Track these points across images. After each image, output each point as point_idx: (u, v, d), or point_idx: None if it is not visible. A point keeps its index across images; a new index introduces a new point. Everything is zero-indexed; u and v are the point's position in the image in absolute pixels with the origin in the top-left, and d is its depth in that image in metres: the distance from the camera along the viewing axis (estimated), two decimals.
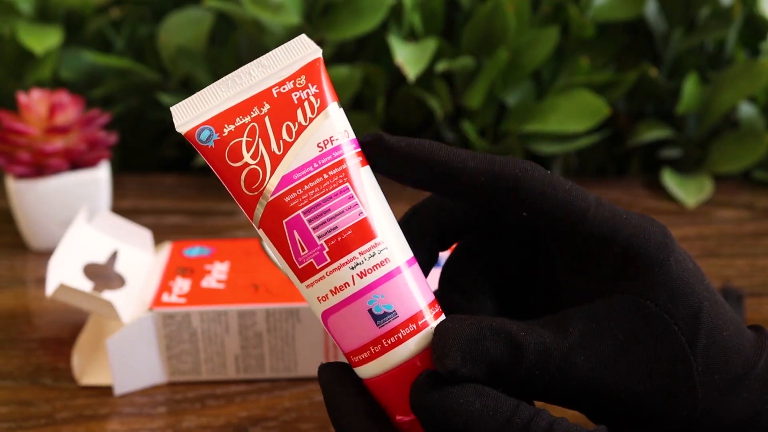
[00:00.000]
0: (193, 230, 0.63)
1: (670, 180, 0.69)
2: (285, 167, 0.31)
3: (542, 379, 0.30)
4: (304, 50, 0.32)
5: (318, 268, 0.31)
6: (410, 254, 0.32)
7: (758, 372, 0.31)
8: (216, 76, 0.71)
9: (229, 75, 0.32)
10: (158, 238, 0.56)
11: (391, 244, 0.31)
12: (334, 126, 0.32)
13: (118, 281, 0.51)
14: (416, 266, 0.32)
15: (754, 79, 0.66)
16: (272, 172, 0.31)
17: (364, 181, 0.31)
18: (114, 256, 0.49)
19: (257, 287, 0.45)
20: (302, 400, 0.44)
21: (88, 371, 0.45)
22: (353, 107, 0.72)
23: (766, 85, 0.67)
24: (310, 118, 0.31)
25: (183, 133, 0.32)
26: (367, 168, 0.32)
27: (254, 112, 0.31)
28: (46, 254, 0.58)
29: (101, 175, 0.60)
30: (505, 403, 0.29)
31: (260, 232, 0.31)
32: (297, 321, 0.44)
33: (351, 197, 0.31)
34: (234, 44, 0.71)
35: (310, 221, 0.31)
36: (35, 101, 0.59)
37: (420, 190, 0.33)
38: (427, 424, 0.30)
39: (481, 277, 0.35)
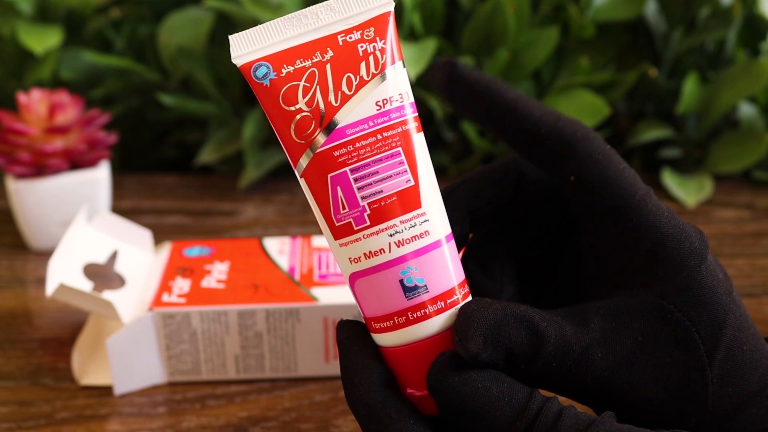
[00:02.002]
0: (193, 230, 0.63)
1: (670, 180, 0.69)
2: (340, 120, 0.30)
3: (558, 371, 0.30)
4: (376, 0, 0.31)
5: (356, 229, 0.30)
6: (449, 230, 0.31)
7: None
8: (216, 76, 0.71)
9: (295, 13, 0.30)
10: (158, 238, 0.56)
11: (433, 216, 0.30)
12: (395, 86, 0.30)
13: (118, 281, 0.51)
14: (453, 243, 0.31)
15: (754, 79, 0.66)
16: (325, 123, 0.30)
17: (417, 148, 0.30)
18: (114, 256, 0.49)
19: (257, 287, 0.45)
20: (302, 400, 0.44)
21: (88, 371, 0.45)
22: None
23: (766, 85, 0.67)
24: (372, 73, 0.30)
25: (238, 66, 0.30)
26: (421, 135, 0.31)
27: (316, 57, 0.30)
28: (46, 254, 0.58)
29: (101, 175, 0.60)
30: (520, 390, 0.29)
31: (302, 181, 0.31)
32: (297, 321, 0.44)
33: (401, 163, 0.30)
34: None
35: (356, 180, 0.30)
36: (35, 101, 0.59)
37: (478, 124, 0.33)
38: (443, 406, 0.29)
39: (507, 259, 0.34)
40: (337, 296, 0.44)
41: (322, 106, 0.30)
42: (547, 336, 0.30)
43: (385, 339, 0.31)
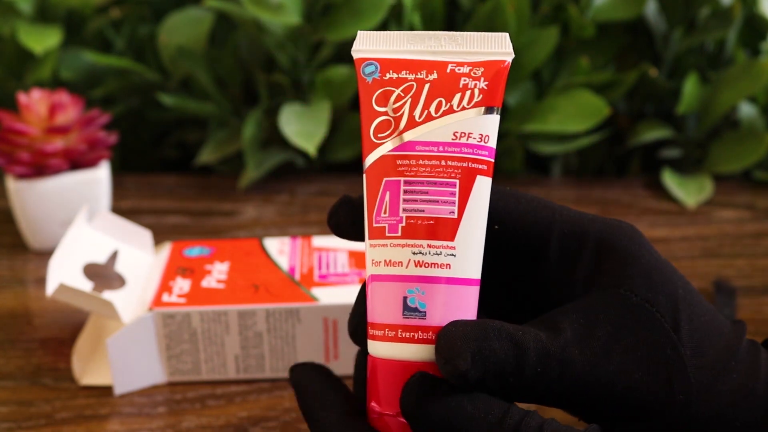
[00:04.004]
0: (193, 230, 0.63)
1: (670, 180, 0.69)
2: (415, 135, 0.31)
3: (545, 377, 0.30)
4: (498, 47, 0.32)
5: (387, 235, 0.31)
6: (476, 277, 0.31)
7: (742, 352, 0.32)
8: (216, 76, 0.71)
9: (421, 32, 0.32)
10: (158, 238, 0.56)
11: (462, 256, 0.31)
12: (478, 125, 0.31)
13: (118, 281, 0.51)
14: (475, 290, 0.31)
15: (754, 79, 0.66)
16: (401, 132, 0.31)
17: (477, 189, 0.31)
18: (114, 256, 0.49)
19: (257, 287, 0.45)
20: None
21: (88, 371, 0.45)
22: (353, 108, 0.72)
23: (766, 85, 0.67)
24: (463, 106, 0.31)
25: (354, 57, 0.32)
26: (488, 180, 0.32)
27: (420, 74, 0.32)
28: (46, 254, 0.58)
29: (101, 175, 0.60)
30: (496, 405, 0.29)
31: (364, 176, 0.32)
32: (297, 321, 0.44)
33: (453, 194, 0.31)
34: (234, 44, 0.71)
35: (405, 192, 0.31)
36: (35, 101, 0.59)
37: None
38: (416, 427, 0.30)
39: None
40: (337, 296, 0.44)
41: (405, 116, 0.32)
42: (526, 344, 0.30)
43: (374, 347, 0.32)
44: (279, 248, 0.49)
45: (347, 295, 0.44)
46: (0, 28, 0.70)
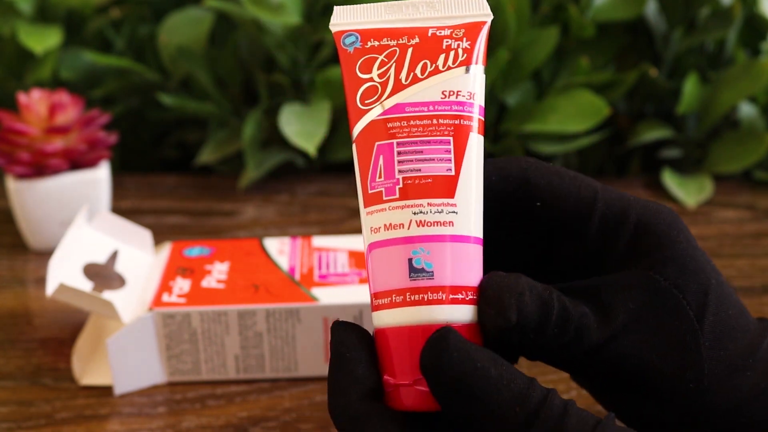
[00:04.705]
0: (193, 230, 0.63)
1: (670, 180, 0.69)
2: (402, 97, 0.31)
3: (560, 339, 0.30)
4: (476, 10, 0.33)
5: (384, 199, 0.31)
6: (479, 234, 0.31)
7: (763, 352, 0.32)
8: (216, 76, 0.71)
9: (399, 2, 0.32)
10: (158, 238, 0.56)
11: (463, 212, 0.30)
12: (466, 83, 0.31)
13: (118, 281, 0.51)
14: (479, 248, 0.31)
15: (754, 79, 0.66)
16: (389, 95, 0.31)
17: (470, 146, 0.31)
18: (114, 256, 0.49)
19: (257, 287, 0.45)
20: (302, 400, 0.44)
21: (88, 371, 0.45)
22: None
23: (766, 85, 0.67)
24: (448, 66, 0.31)
25: (333, 32, 0.33)
26: (480, 138, 0.32)
27: (402, 40, 0.32)
28: (46, 254, 0.58)
29: (101, 175, 0.60)
30: (519, 376, 0.28)
31: (353, 147, 0.32)
32: (297, 321, 0.44)
33: (448, 151, 0.31)
34: (234, 44, 0.71)
35: (399, 153, 0.31)
36: (35, 101, 0.59)
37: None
38: (437, 385, 0.28)
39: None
40: (337, 296, 0.44)
41: (391, 80, 0.31)
42: (552, 304, 0.30)
43: (380, 317, 0.30)
44: (279, 248, 0.49)
45: (347, 295, 0.44)
46: (0, 28, 0.70)
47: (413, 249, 0.30)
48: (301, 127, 0.64)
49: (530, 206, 0.32)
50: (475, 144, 0.31)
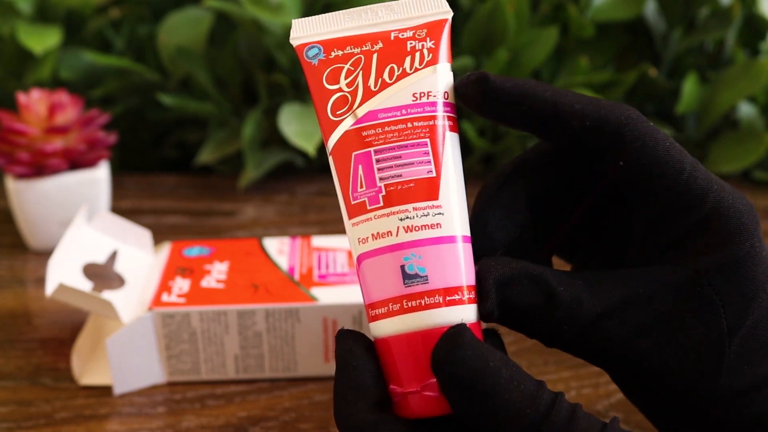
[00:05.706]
0: (193, 230, 0.63)
1: None
2: (374, 104, 0.31)
3: (569, 335, 0.30)
4: (435, 8, 0.32)
5: (368, 209, 0.30)
6: (467, 232, 0.31)
7: None
8: (216, 76, 0.71)
9: (357, 8, 0.32)
10: (158, 238, 0.56)
11: (449, 212, 0.30)
12: (436, 83, 0.31)
13: (117, 281, 0.51)
14: (468, 246, 0.31)
15: (754, 79, 0.66)
16: (360, 104, 0.31)
17: (447, 145, 0.31)
18: (114, 256, 0.49)
19: (257, 287, 0.45)
20: (302, 400, 0.44)
21: (88, 371, 0.45)
22: None
23: (766, 85, 0.67)
24: (416, 68, 0.31)
25: (294, 45, 0.32)
26: (455, 136, 0.31)
27: (366, 46, 0.32)
28: (46, 254, 0.58)
29: (101, 175, 0.60)
30: (528, 378, 0.29)
31: (330, 159, 0.31)
32: (297, 321, 0.44)
33: (426, 153, 0.31)
34: (234, 44, 0.71)
35: (378, 161, 0.31)
36: (35, 101, 0.59)
37: (523, 131, 0.33)
38: (449, 381, 0.28)
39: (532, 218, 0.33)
40: (336, 296, 0.44)
41: (360, 88, 0.31)
42: (559, 299, 0.30)
43: (378, 327, 0.30)
44: (278, 248, 0.49)
45: (347, 295, 0.44)
46: (0, 28, 0.70)
47: (404, 255, 0.30)
48: (301, 127, 0.64)
49: (616, 160, 0.31)
50: (451, 143, 0.31)
